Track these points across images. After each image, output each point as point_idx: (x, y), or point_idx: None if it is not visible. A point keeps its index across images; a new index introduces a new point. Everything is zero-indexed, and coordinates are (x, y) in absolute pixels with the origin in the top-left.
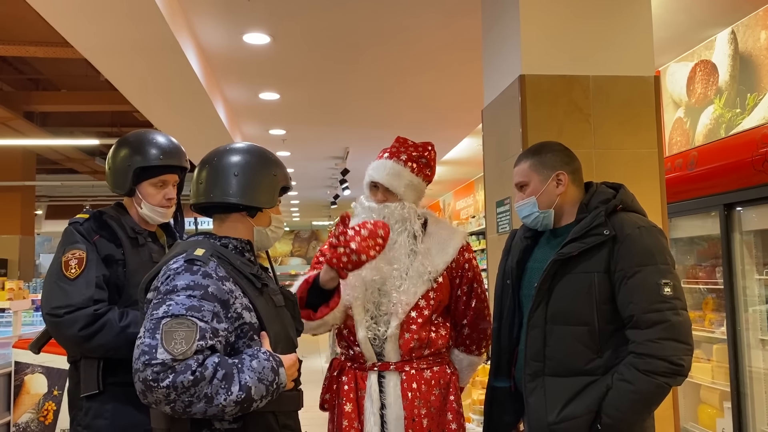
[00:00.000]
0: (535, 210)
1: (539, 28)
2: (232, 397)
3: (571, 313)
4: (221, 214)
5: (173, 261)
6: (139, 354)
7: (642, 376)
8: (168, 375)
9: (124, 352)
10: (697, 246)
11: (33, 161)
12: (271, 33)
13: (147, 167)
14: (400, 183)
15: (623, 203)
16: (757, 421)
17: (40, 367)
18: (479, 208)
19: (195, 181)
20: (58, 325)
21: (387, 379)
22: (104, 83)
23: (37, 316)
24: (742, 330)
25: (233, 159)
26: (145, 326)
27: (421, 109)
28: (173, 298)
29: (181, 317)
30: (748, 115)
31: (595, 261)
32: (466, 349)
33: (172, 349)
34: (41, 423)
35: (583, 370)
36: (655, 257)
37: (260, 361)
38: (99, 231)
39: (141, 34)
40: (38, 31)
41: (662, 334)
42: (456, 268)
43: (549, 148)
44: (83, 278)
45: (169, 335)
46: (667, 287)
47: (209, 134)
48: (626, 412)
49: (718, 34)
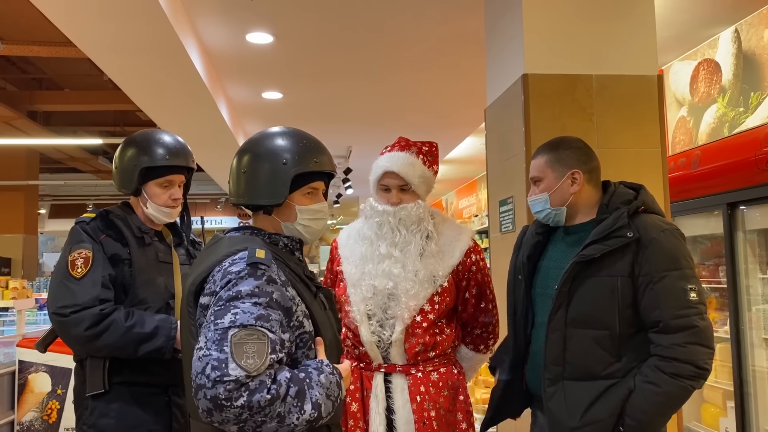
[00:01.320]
0: (546, 207)
1: (542, 27)
2: (305, 416)
3: (592, 317)
4: (253, 213)
5: (231, 263)
6: (203, 368)
7: (669, 379)
8: (242, 393)
9: (129, 352)
10: (700, 245)
11: (36, 160)
12: (275, 32)
13: (153, 167)
14: (415, 173)
15: (645, 204)
16: (760, 420)
17: (44, 366)
18: (482, 207)
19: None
20: (64, 325)
21: (394, 383)
22: (107, 83)
23: (41, 315)
24: (745, 329)
25: (242, 154)
26: (207, 336)
27: (424, 108)
28: (238, 306)
29: (251, 328)
30: (752, 114)
31: (618, 264)
32: (475, 347)
33: (245, 364)
34: (45, 422)
35: (603, 374)
36: (681, 262)
37: (326, 376)
38: (105, 230)
39: (144, 34)
40: (42, 30)
41: (689, 338)
42: (462, 270)
43: (567, 144)
44: (89, 278)
45: (240, 348)
46: (693, 292)
47: (212, 133)
48: (651, 414)
49: (721, 33)
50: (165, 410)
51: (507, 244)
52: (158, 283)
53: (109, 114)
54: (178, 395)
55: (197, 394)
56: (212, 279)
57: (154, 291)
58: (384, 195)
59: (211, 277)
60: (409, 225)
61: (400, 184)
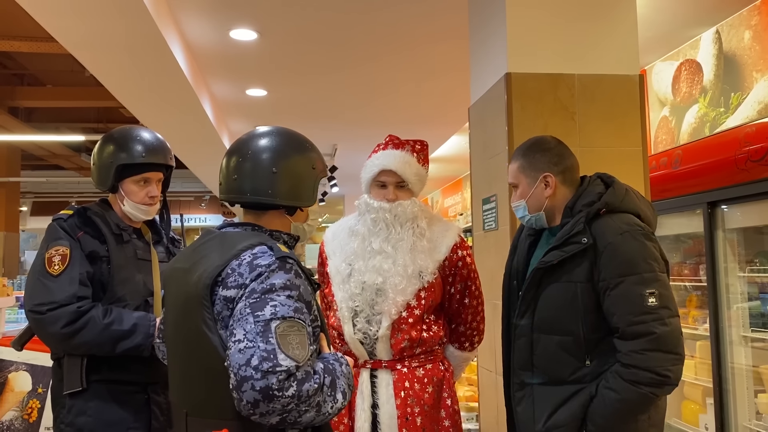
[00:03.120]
0: (526, 213)
1: (526, 26)
2: (337, 405)
3: (556, 322)
4: (256, 210)
5: (255, 256)
6: (247, 360)
7: (628, 386)
8: (292, 383)
9: (108, 349)
10: (681, 244)
11: (18, 157)
12: (258, 29)
13: (130, 164)
14: (411, 171)
15: (608, 205)
16: (738, 416)
17: (24, 364)
18: (467, 206)
19: (226, 174)
20: (40, 322)
21: (379, 378)
22: (90, 79)
23: (22, 314)
24: (724, 327)
25: (270, 153)
26: (246, 329)
27: (409, 107)
28: (275, 298)
29: (291, 320)
30: (732, 114)
31: (577, 270)
32: (460, 346)
33: (293, 354)
34: (25, 421)
35: (570, 379)
36: (638, 266)
37: (345, 366)
38: (83, 227)
39: (126, 30)
40: (23, 26)
41: (647, 345)
42: (449, 266)
43: (539, 146)
44: (66, 275)
45: (285, 339)
46: (651, 297)
47: (196, 131)
48: (611, 420)
49: (703, 34)
50: (144, 408)
51: (490, 242)
52: (137, 280)
53: (91, 111)
54: (157, 393)
55: (241, 386)
56: (235, 272)
57: (133, 288)
58: (380, 192)
59: (231, 270)
60: (404, 222)
61: (397, 181)
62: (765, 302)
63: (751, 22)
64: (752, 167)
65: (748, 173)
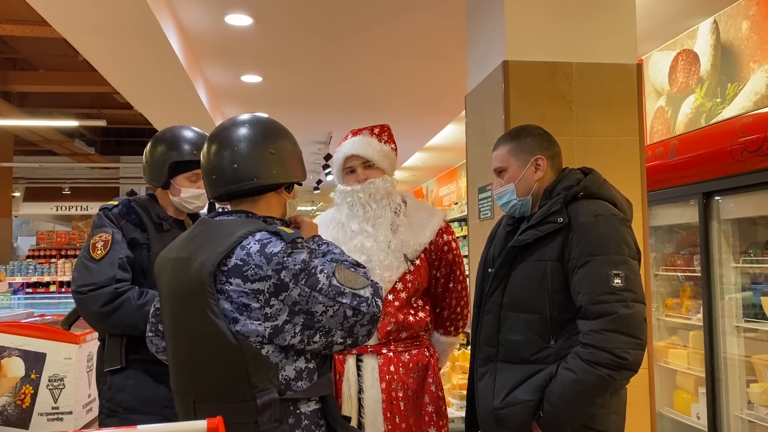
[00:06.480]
0: (513, 198)
1: (523, 14)
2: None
3: (524, 301)
4: (253, 196)
5: (263, 245)
6: (344, 316)
7: (585, 366)
8: (375, 299)
9: (142, 329)
10: (676, 234)
11: (10, 142)
12: (254, 14)
13: (181, 162)
14: (374, 150)
15: (586, 190)
16: (730, 406)
17: (17, 350)
18: (462, 195)
19: (221, 166)
20: (82, 302)
21: (365, 363)
22: (83, 63)
23: (14, 299)
24: (718, 317)
25: (262, 136)
26: (325, 302)
27: (405, 94)
28: (315, 265)
29: (338, 265)
30: (729, 105)
31: (549, 249)
32: (445, 331)
33: (362, 284)
34: (18, 407)
35: (534, 359)
36: (609, 247)
37: None
38: (126, 216)
39: (121, 14)
40: (16, 9)
41: (608, 325)
42: (435, 250)
43: (528, 132)
44: (107, 259)
45: (350, 281)
46: (617, 278)
47: (190, 116)
48: (567, 400)
49: (700, 24)
50: None
51: (485, 231)
52: None
53: (85, 96)
54: None
55: (352, 331)
56: (247, 264)
57: None
58: (351, 177)
59: (241, 261)
60: (379, 199)
61: (363, 161)
62: (758, 293)
63: (749, 12)
64: (748, 158)
65: (744, 164)
